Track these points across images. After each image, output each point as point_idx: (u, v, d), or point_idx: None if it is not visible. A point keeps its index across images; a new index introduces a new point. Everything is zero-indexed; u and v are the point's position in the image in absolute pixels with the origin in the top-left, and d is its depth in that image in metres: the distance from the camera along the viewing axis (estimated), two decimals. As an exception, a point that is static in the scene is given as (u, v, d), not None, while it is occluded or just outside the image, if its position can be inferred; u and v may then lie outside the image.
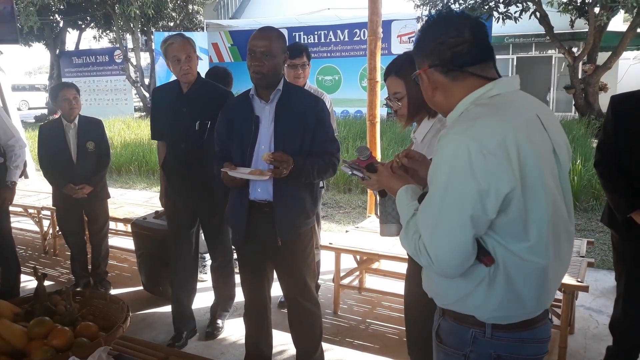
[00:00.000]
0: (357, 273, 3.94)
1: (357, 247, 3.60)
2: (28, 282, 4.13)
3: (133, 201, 5.30)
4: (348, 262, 4.02)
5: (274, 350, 3.22)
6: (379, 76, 4.31)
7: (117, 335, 1.56)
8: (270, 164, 2.28)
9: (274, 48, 2.32)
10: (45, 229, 5.21)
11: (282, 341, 3.32)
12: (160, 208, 4.01)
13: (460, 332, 1.42)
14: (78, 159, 3.95)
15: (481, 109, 1.34)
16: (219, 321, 3.46)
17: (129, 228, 5.03)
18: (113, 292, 4.18)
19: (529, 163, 1.27)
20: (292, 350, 3.14)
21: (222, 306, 3.50)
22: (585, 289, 2.91)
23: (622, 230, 2.61)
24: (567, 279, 2.93)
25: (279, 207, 2.43)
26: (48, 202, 5.15)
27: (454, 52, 1.37)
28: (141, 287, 4.26)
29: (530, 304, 1.36)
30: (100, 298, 1.80)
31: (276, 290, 4.00)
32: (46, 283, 4.25)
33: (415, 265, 2.09)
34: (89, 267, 4.30)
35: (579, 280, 2.93)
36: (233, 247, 2.78)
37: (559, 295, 3.12)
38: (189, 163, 3.07)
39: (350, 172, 1.92)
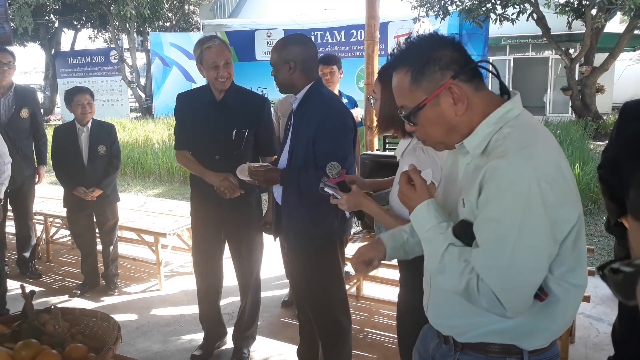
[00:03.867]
0: (355, 280, 3.90)
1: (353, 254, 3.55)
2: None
3: (129, 206, 5.24)
4: (346, 269, 3.97)
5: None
6: (376, 80, 4.26)
7: (107, 357, 1.50)
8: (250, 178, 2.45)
9: (272, 60, 2.44)
10: (38, 234, 5.14)
11: (279, 351, 3.28)
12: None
13: None
14: (89, 162, 4.04)
15: (520, 133, 1.23)
16: (245, 350, 3.22)
17: (124, 234, 4.98)
18: (109, 298, 4.13)
19: (575, 186, 1.24)
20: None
21: (245, 334, 3.23)
22: (587, 299, 2.88)
23: (618, 235, 2.62)
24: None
25: (284, 212, 2.53)
26: (41, 207, 5.10)
27: (466, 58, 1.28)
28: (136, 293, 4.21)
29: (570, 320, 1.35)
30: (90, 316, 1.74)
31: (280, 289, 3.99)
32: (39, 289, 4.23)
33: (409, 272, 2.03)
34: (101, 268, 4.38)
35: (580, 290, 2.89)
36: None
37: (574, 318, 3.07)
38: None
39: (321, 187, 1.85)
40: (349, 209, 1.84)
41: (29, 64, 44.83)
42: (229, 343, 3.31)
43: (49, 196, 5.54)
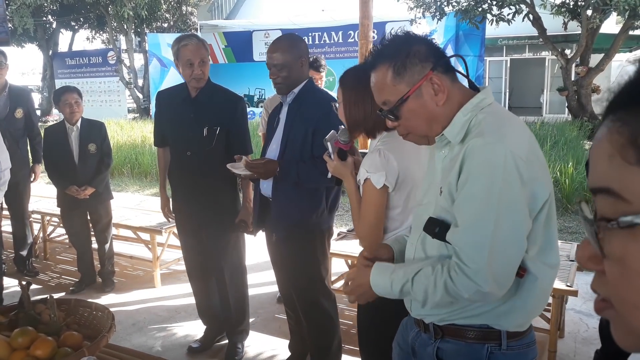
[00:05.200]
0: (349, 277, 3.94)
1: (348, 252, 3.60)
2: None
3: (125, 205, 5.28)
4: (339, 266, 4.02)
5: (266, 355, 3.23)
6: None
7: (101, 344, 1.55)
8: (245, 168, 2.45)
9: (286, 59, 2.45)
10: (35, 232, 5.18)
11: (273, 346, 3.32)
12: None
13: (473, 350, 1.36)
14: (80, 161, 4.08)
15: (493, 118, 1.30)
16: (239, 345, 3.25)
17: (121, 232, 5.02)
18: (106, 294, 4.17)
19: (546, 166, 1.31)
20: (282, 356, 3.15)
21: (237, 329, 3.24)
22: (575, 293, 2.92)
23: None
24: (557, 284, 2.93)
25: (275, 204, 2.57)
26: (38, 205, 5.14)
27: (440, 52, 1.37)
28: (132, 290, 4.25)
29: (544, 301, 1.40)
30: (85, 307, 1.79)
31: (276, 286, 4.02)
32: (36, 287, 4.27)
33: None
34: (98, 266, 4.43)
35: (568, 284, 2.94)
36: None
37: (548, 299, 3.13)
38: (195, 171, 2.92)
39: (325, 139, 1.92)
40: (333, 173, 1.91)
41: (26, 65, 44.79)
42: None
43: (45, 195, 5.58)
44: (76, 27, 22.61)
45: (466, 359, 1.37)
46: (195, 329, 3.53)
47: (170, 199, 3.20)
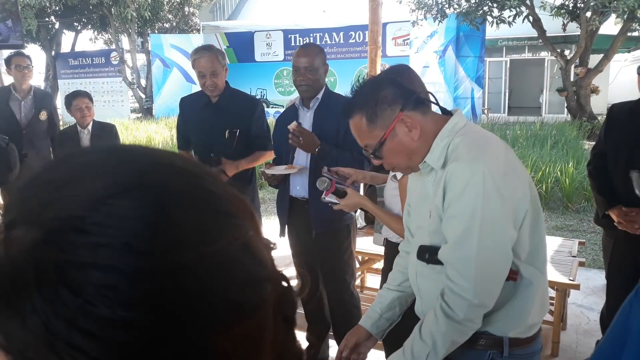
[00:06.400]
0: (359, 273, 4.09)
1: (359, 248, 3.74)
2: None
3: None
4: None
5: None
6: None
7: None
8: (293, 133, 2.55)
9: (316, 63, 2.62)
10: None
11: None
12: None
13: (476, 356, 1.43)
14: None
15: (469, 140, 1.38)
16: None
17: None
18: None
19: (528, 178, 1.40)
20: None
21: None
22: (577, 287, 3.08)
23: (606, 226, 2.82)
24: (560, 278, 3.10)
25: (314, 202, 2.69)
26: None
27: (407, 90, 1.44)
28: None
29: (543, 308, 1.46)
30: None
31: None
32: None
33: (389, 263, 2.19)
34: None
35: (570, 278, 3.10)
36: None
37: (551, 292, 3.29)
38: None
39: (322, 198, 2.06)
40: (350, 210, 2.05)
41: (27, 65, 44.64)
42: None
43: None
44: (79, 27, 22.70)
45: None
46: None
47: None
